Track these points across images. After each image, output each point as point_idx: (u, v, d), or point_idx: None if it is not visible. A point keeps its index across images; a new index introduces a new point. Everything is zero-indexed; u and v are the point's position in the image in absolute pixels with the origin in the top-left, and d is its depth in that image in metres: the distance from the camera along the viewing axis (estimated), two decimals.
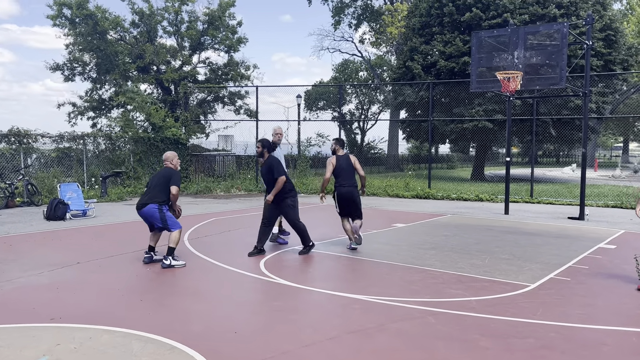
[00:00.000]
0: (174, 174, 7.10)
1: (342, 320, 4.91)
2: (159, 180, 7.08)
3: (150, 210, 6.92)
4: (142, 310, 5.13)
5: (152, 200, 6.95)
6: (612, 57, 23.05)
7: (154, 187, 7.04)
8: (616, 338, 4.49)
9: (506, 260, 7.47)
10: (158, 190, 6.99)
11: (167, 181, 7.01)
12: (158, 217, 6.93)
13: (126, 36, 26.73)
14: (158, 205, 6.93)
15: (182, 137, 18.52)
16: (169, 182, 6.99)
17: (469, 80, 13.10)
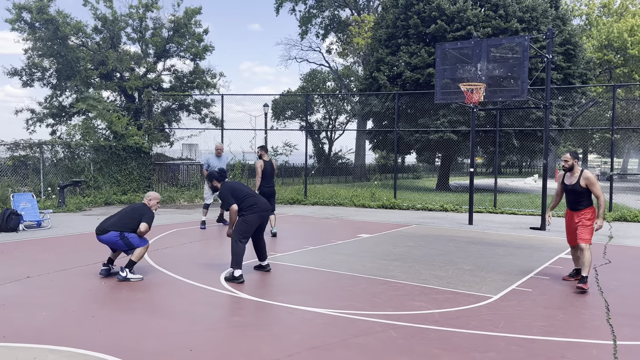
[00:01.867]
0: (148, 212, 6.87)
1: (303, 336, 4.77)
2: (130, 212, 6.85)
3: (112, 237, 6.67)
4: (93, 328, 4.88)
5: (113, 227, 6.68)
6: (572, 71, 23.74)
7: (122, 216, 6.80)
8: (576, 351, 4.49)
9: (469, 271, 7.47)
10: (125, 221, 6.74)
11: (138, 216, 6.75)
12: (122, 244, 6.68)
13: (88, 42, 26.10)
14: (120, 233, 6.66)
15: (145, 146, 18.10)
16: (139, 217, 6.73)
17: (434, 91, 13.21)
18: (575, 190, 6.59)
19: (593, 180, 6.47)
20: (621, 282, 6.97)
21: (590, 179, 6.47)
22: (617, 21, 37.89)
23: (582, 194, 6.56)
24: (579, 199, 6.60)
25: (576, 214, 6.63)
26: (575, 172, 6.63)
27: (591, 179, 6.47)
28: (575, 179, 6.59)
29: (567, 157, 6.67)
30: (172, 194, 17.65)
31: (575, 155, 6.66)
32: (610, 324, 5.18)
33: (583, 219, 6.56)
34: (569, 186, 6.65)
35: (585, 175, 6.50)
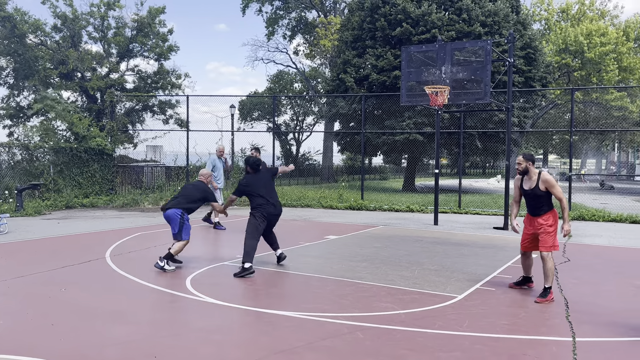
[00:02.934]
0: (209, 190, 7.89)
1: (270, 340, 4.74)
2: (191, 191, 7.72)
3: (174, 214, 7.42)
4: (52, 336, 4.73)
5: (179, 205, 7.49)
6: (532, 74, 24.38)
7: (186, 196, 7.64)
8: (537, 348, 4.60)
9: (435, 271, 7.57)
10: (187, 200, 7.57)
11: (199, 194, 7.69)
12: (177, 222, 7.43)
13: (47, 41, 25.36)
14: (181, 211, 7.45)
15: (107, 148, 17.69)
16: (200, 196, 7.68)
17: (400, 93, 13.35)
18: (535, 195, 6.26)
19: (552, 182, 6.17)
20: (580, 280, 7.18)
21: (549, 181, 6.18)
22: (575, 26, 39.13)
23: (542, 197, 6.23)
24: (539, 204, 6.27)
25: (537, 219, 6.31)
26: (532, 176, 6.29)
27: (550, 181, 6.18)
28: (534, 183, 6.26)
29: (519, 159, 6.35)
30: (136, 196, 17.30)
31: (528, 158, 6.33)
32: (569, 321, 5.33)
33: (545, 225, 6.22)
34: (528, 190, 6.31)
35: (543, 178, 6.20)
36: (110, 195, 17.54)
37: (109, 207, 16.55)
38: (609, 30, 37.46)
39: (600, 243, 10.40)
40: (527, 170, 6.32)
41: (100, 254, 8.60)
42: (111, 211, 15.44)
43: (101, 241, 9.88)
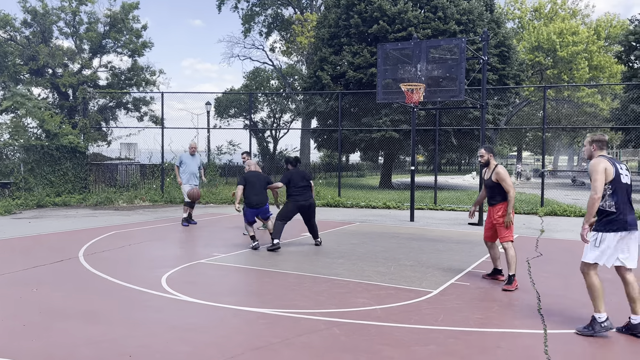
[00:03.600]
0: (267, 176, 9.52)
1: (246, 337, 4.72)
2: (261, 182, 9.12)
3: (267, 205, 9.25)
4: (24, 337, 4.63)
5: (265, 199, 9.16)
6: (506, 72, 24.76)
7: (263, 187, 9.14)
8: (510, 340, 4.68)
9: (411, 267, 7.64)
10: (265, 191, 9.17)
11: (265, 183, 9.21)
12: (269, 209, 9.39)
13: (17, 36, 24.74)
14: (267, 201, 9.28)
15: (80, 145, 17.36)
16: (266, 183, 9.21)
17: (376, 91, 13.42)
18: (488, 185, 6.65)
19: (502, 176, 6.46)
20: (551, 274, 7.33)
21: (500, 173, 6.47)
22: (547, 25, 39.83)
23: (494, 188, 6.55)
24: (492, 194, 6.62)
25: (492, 209, 6.63)
26: (491, 167, 6.62)
27: (500, 174, 6.46)
28: (489, 174, 6.63)
29: (481, 152, 6.71)
30: (110, 195, 17.04)
31: (490, 150, 6.68)
32: (541, 314, 5.44)
33: (497, 216, 6.53)
34: (485, 181, 6.71)
35: (496, 170, 6.50)
36: (83, 193, 17.24)
37: (82, 205, 16.27)
38: (580, 29, 38.25)
39: (571, 238, 10.62)
40: (488, 162, 6.69)
41: (73, 253, 8.45)
42: (84, 210, 15.18)
43: (74, 240, 9.71)
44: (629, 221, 4.67)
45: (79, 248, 8.89)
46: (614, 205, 4.67)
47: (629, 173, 4.84)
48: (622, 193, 4.68)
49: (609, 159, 4.75)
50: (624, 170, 4.80)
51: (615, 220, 4.65)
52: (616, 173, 4.69)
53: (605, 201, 4.70)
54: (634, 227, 4.69)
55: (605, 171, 4.65)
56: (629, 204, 4.73)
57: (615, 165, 4.72)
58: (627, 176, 4.79)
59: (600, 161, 4.71)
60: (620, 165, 4.81)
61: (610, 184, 4.67)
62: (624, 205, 4.67)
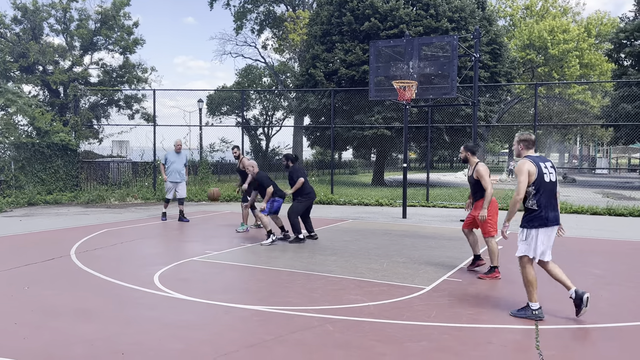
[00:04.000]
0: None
1: (240, 334, 4.73)
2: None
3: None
4: (15, 335, 4.62)
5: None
6: (498, 70, 24.85)
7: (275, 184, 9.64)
8: (502, 336, 4.73)
9: (403, 263, 7.68)
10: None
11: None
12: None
13: (7, 33, 24.50)
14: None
15: (71, 143, 17.25)
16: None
17: (368, 88, 13.43)
18: (470, 182, 7.02)
19: (481, 173, 6.79)
20: (541, 269, 7.37)
21: (479, 171, 6.80)
22: (539, 22, 40.02)
23: (475, 185, 6.90)
24: (474, 190, 6.96)
25: (476, 204, 6.98)
26: (472, 165, 6.97)
27: (479, 172, 6.79)
28: (471, 171, 6.98)
29: (461, 149, 7.11)
30: (101, 192, 16.96)
31: (468, 149, 6.99)
32: None
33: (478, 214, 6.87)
34: (468, 178, 7.10)
35: (476, 168, 6.83)
36: (74, 191, 17.14)
37: (73, 203, 16.18)
38: (571, 26, 38.45)
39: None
40: (467, 159, 7.03)
41: (64, 251, 8.41)
42: (76, 208, 15.10)
43: (66, 239, 9.66)
44: (550, 218, 5.03)
45: (71, 246, 8.85)
46: (535, 203, 5.00)
47: (554, 171, 5.14)
48: (545, 192, 5.00)
49: (533, 159, 5.04)
50: (549, 169, 5.08)
51: (537, 217, 5.02)
52: (539, 173, 4.98)
53: (529, 200, 5.03)
54: (555, 223, 5.09)
55: (529, 172, 4.96)
56: (552, 202, 5.06)
57: (539, 165, 5.01)
58: (552, 174, 5.10)
59: (524, 162, 5.01)
60: (546, 164, 5.08)
61: (533, 184, 4.98)
62: (546, 203, 5.01)
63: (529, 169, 4.97)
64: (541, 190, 4.98)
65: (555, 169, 5.17)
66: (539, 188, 4.98)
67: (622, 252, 8.96)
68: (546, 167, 5.06)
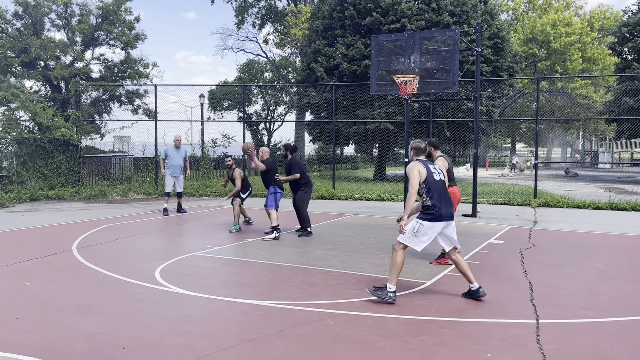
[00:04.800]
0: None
1: (240, 329, 4.74)
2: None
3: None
4: (17, 330, 4.63)
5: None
6: (500, 64, 24.74)
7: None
8: (502, 330, 4.72)
9: (405, 258, 7.65)
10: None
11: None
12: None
13: (8, 28, 24.49)
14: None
15: (73, 138, 17.26)
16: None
17: (370, 83, 13.39)
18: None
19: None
20: (544, 265, 7.38)
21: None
22: (541, 16, 39.83)
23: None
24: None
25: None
26: (434, 159, 7.24)
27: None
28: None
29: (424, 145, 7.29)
30: (103, 188, 16.98)
31: (431, 144, 7.19)
32: (533, 304, 5.48)
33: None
34: None
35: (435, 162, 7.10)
36: (76, 186, 17.17)
37: (75, 199, 16.21)
38: (573, 20, 38.27)
39: (564, 228, 10.69)
40: (430, 154, 7.20)
41: (66, 246, 8.43)
42: (78, 203, 15.12)
43: (67, 234, 9.68)
44: (444, 213, 5.49)
45: (73, 241, 8.87)
46: (429, 199, 5.50)
47: (440, 171, 5.73)
48: (436, 189, 5.52)
49: (422, 162, 5.65)
50: (437, 170, 5.70)
51: (432, 212, 5.47)
52: (428, 173, 5.54)
53: (423, 196, 5.55)
54: (449, 218, 5.55)
55: (419, 172, 5.50)
56: (445, 198, 5.55)
57: (427, 166, 5.62)
58: (440, 173, 5.68)
59: (414, 164, 5.59)
60: (434, 166, 5.71)
61: (424, 183, 5.52)
62: (439, 199, 5.49)
63: (419, 169, 5.52)
64: (432, 188, 5.49)
65: (441, 171, 5.74)
66: (430, 186, 5.49)
67: (625, 246, 8.94)
68: (435, 168, 5.68)
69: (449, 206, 5.58)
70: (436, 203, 5.46)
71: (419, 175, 5.51)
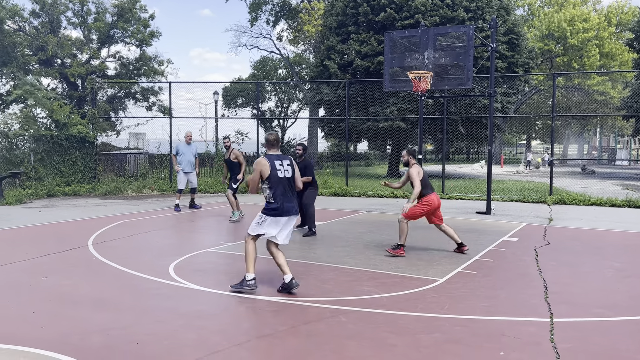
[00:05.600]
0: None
1: (252, 324, 4.77)
2: None
3: None
4: (34, 324, 4.71)
5: None
6: (515, 60, 24.49)
7: None
8: (516, 328, 4.69)
9: (417, 255, 7.65)
10: None
11: None
12: None
13: (26, 26, 24.82)
14: None
15: (89, 135, 17.46)
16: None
17: (383, 79, 13.33)
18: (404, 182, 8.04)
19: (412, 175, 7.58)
20: (559, 262, 7.31)
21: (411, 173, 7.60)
22: (558, 12, 39.32)
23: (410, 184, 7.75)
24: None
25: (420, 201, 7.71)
26: (410, 167, 7.73)
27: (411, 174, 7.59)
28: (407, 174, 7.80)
29: (403, 153, 7.88)
30: (119, 184, 17.15)
31: (410, 152, 7.83)
32: (547, 302, 5.44)
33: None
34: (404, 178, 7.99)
35: (409, 171, 7.67)
36: (92, 183, 17.37)
37: (91, 195, 16.40)
38: (591, 15, 37.72)
39: (579, 226, 10.58)
40: (408, 162, 7.79)
41: (82, 242, 8.54)
42: (94, 199, 15.30)
43: (83, 229, 9.80)
44: (285, 209, 5.67)
45: (89, 237, 8.98)
46: (272, 196, 5.64)
47: (290, 167, 5.74)
48: (278, 187, 5.63)
49: (269, 157, 5.71)
50: (285, 166, 5.71)
51: (273, 208, 5.64)
52: (272, 169, 5.61)
53: (265, 193, 5.70)
54: (290, 213, 5.72)
55: (262, 170, 5.61)
56: (287, 195, 5.68)
57: (273, 162, 5.64)
58: (287, 171, 5.72)
59: (260, 160, 5.70)
60: (283, 161, 5.71)
61: (267, 180, 5.62)
62: (281, 196, 5.63)
63: (263, 164, 5.63)
64: (274, 186, 5.61)
65: (293, 166, 5.78)
66: (272, 184, 5.62)
67: None
68: (282, 164, 5.69)
69: (291, 202, 5.73)
70: (277, 200, 5.62)
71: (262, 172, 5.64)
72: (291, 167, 5.78)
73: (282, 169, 5.69)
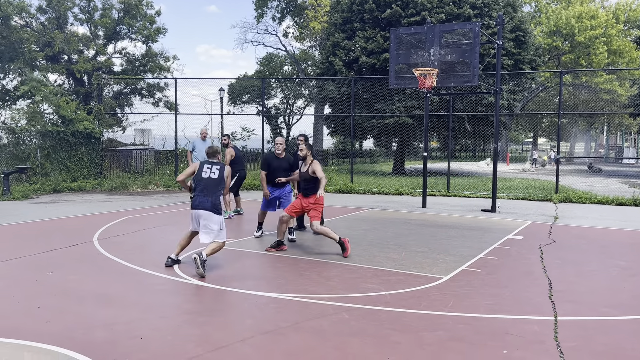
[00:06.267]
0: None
1: (256, 321, 4.78)
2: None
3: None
4: (38, 319, 4.74)
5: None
6: (522, 57, 24.36)
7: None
8: (520, 326, 4.68)
9: (422, 253, 7.64)
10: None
11: None
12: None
13: (32, 22, 24.94)
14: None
15: (95, 131, 17.53)
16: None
17: (389, 76, 13.30)
18: (304, 178, 7.58)
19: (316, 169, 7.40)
20: (564, 261, 7.28)
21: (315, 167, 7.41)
22: (566, 8, 39.05)
23: (309, 181, 7.50)
24: (307, 186, 7.54)
25: (305, 199, 7.53)
26: (307, 162, 7.54)
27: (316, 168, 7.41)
28: (306, 168, 7.53)
29: (302, 147, 7.61)
30: (124, 180, 17.22)
31: (309, 147, 7.62)
32: (552, 300, 5.42)
33: (310, 203, 7.46)
34: (302, 174, 7.62)
35: (312, 165, 7.45)
36: (98, 179, 17.44)
37: (97, 190, 16.47)
38: (599, 12, 37.45)
39: (585, 224, 10.53)
40: (306, 157, 7.57)
41: (88, 237, 8.58)
42: (99, 195, 15.36)
43: (89, 225, 9.85)
44: (197, 204, 6.49)
45: (94, 232, 9.02)
46: (194, 192, 6.61)
47: (217, 171, 6.56)
48: (200, 185, 6.53)
49: (202, 162, 6.68)
50: (212, 170, 6.57)
51: (192, 203, 6.60)
52: (199, 172, 6.59)
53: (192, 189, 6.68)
54: (199, 207, 6.46)
55: (193, 170, 6.70)
56: (204, 193, 6.48)
57: (202, 166, 6.63)
58: (214, 174, 6.55)
59: (195, 163, 6.79)
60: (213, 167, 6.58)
61: (194, 179, 6.64)
62: (199, 192, 6.51)
63: (194, 166, 6.73)
64: (197, 184, 6.56)
65: (221, 171, 6.60)
66: (197, 183, 6.58)
67: None
68: (210, 168, 6.60)
69: (205, 198, 6.45)
70: (196, 196, 6.52)
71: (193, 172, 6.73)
72: (220, 171, 6.62)
73: (209, 172, 6.60)
